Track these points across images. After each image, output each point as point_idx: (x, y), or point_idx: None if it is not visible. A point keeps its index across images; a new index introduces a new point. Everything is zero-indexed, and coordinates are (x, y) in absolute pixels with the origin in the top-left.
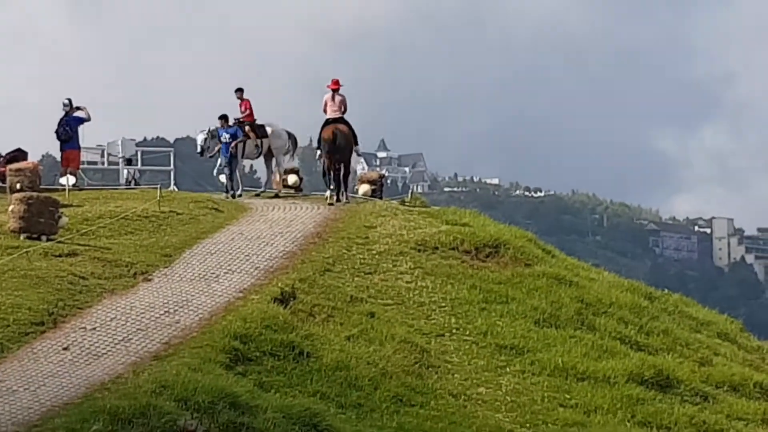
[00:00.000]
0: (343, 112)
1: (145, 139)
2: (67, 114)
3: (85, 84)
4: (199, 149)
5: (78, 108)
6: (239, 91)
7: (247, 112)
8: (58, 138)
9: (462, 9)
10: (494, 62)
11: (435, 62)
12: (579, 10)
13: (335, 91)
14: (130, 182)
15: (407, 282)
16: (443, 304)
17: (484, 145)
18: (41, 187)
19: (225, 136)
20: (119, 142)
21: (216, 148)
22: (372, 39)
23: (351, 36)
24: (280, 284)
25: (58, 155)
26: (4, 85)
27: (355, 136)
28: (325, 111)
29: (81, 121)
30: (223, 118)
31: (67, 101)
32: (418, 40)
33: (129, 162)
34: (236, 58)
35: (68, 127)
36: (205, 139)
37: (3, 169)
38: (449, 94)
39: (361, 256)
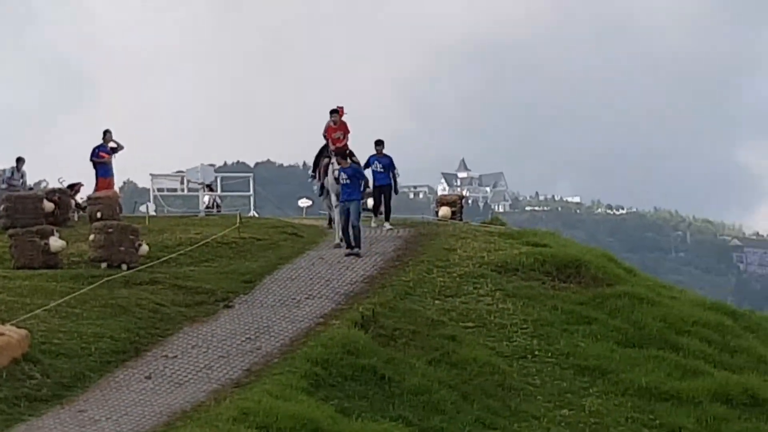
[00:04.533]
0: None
1: (225, 164)
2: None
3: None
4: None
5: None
6: (335, 113)
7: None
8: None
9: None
10: (578, 77)
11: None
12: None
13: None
14: (211, 208)
15: (488, 304)
16: (525, 326)
17: (565, 163)
18: (121, 215)
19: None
20: (198, 168)
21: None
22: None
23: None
24: (360, 309)
25: (139, 182)
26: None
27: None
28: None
29: (114, 150)
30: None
31: (105, 131)
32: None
33: (209, 188)
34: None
35: (94, 156)
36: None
37: (72, 198)
38: (532, 111)
39: (442, 279)
